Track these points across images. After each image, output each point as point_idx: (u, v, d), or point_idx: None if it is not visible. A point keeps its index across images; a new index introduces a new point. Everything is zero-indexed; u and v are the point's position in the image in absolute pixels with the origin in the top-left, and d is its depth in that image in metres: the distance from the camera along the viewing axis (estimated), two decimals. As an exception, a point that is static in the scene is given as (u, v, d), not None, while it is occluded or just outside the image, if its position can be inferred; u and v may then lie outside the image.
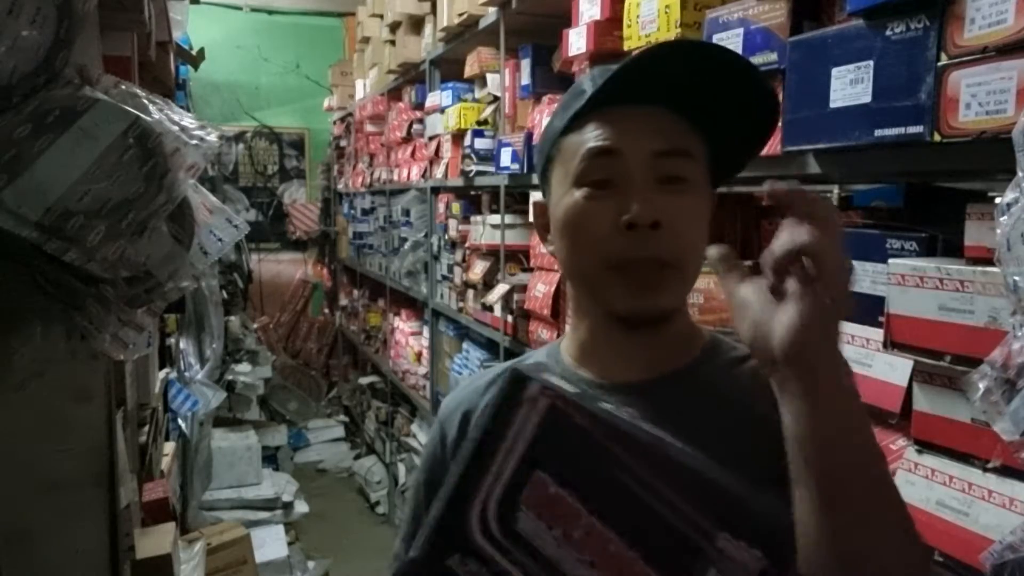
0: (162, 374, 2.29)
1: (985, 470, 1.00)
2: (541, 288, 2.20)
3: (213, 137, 0.97)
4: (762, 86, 0.78)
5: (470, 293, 2.97)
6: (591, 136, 0.77)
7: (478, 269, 2.82)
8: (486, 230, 2.78)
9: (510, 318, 2.51)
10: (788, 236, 0.62)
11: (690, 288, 0.83)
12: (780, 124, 1.27)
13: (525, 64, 2.50)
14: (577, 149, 0.78)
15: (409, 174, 3.86)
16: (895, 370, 1.17)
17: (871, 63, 1.08)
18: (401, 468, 4.28)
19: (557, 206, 0.81)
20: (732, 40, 1.36)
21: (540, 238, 0.89)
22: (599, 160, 0.77)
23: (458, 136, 3.02)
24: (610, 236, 0.75)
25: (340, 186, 6.00)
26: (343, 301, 6.10)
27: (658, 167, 0.76)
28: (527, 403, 0.67)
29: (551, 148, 0.83)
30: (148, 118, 0.89)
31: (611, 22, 1.81)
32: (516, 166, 2.39)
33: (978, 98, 0.93)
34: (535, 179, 2.30)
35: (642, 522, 0.66)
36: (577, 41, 1.91)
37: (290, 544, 3.80)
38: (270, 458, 4.81)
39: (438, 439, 0.92)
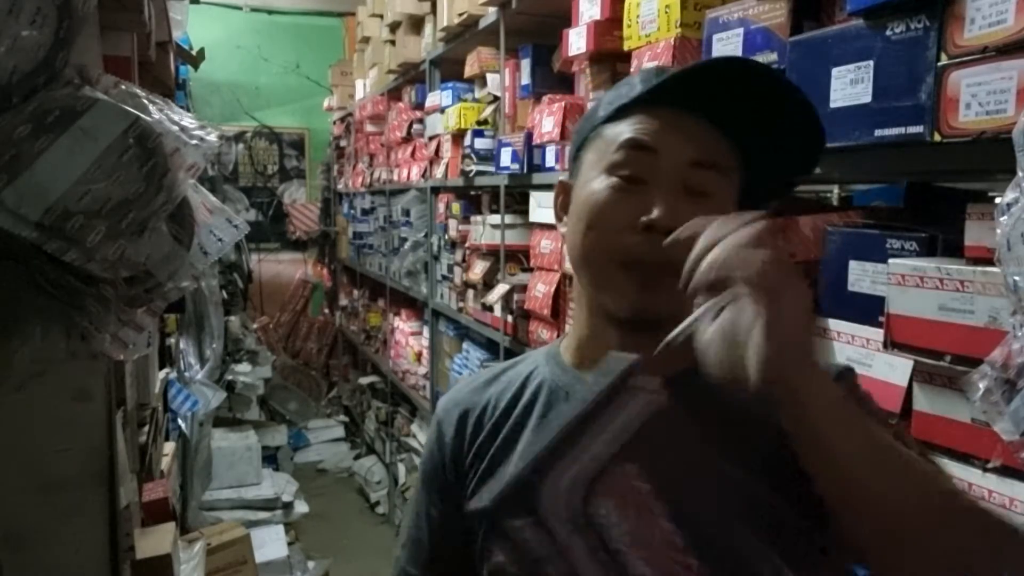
0: (162, 374, 2.29)
1: (985, 470, 1.00)
2: (541, 288, 2.20)
3: (213, 137, 0.97)
4: (815, 125, 0.77)
5: (470, 293, 2.97)
6: (632, 128, 0.77)
7: (478, 269, 2.82)
8: (486, 230, 2.78)
9: (510, 318, 2.51)
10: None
11: (692, 299, 0.83)
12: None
13: (525, 64, 2.50)
14: (616, 137, 0.78)
15: (409, 174, 3.86)
16: (895, 370, 1.16)
17: (871, 63, 1.08)
18: (401, 468, 4.28)
19: (582, 189, 0.80)
20: (732, 40, 1.36)
21: (556, 217, 0.89)
22: (634, 153, 0.77)
23: (458, 136, 3.02)
24: (625, 232, 0.75)
25: (340, 186, 6.00)
26: (343, 301, 6.10)
27: (689, 176, 0.76)
28: (642, 394, 0.66)
29: (590, 131, 0.82)
30: (148, 118, 0.89)
31: (611, 22, 1.81)
32: (516, 166, 2.39)
33: (978, 98, 0.93)
34: (535, 179, 2.30)
35: (712, 539, 0.65)
36: (577, 41, 1.91)
37: (290, 544, 3.80)
38: (270, 458, 4.81)
39: (435, 439, 0.91)
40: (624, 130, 0.78)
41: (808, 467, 0.62)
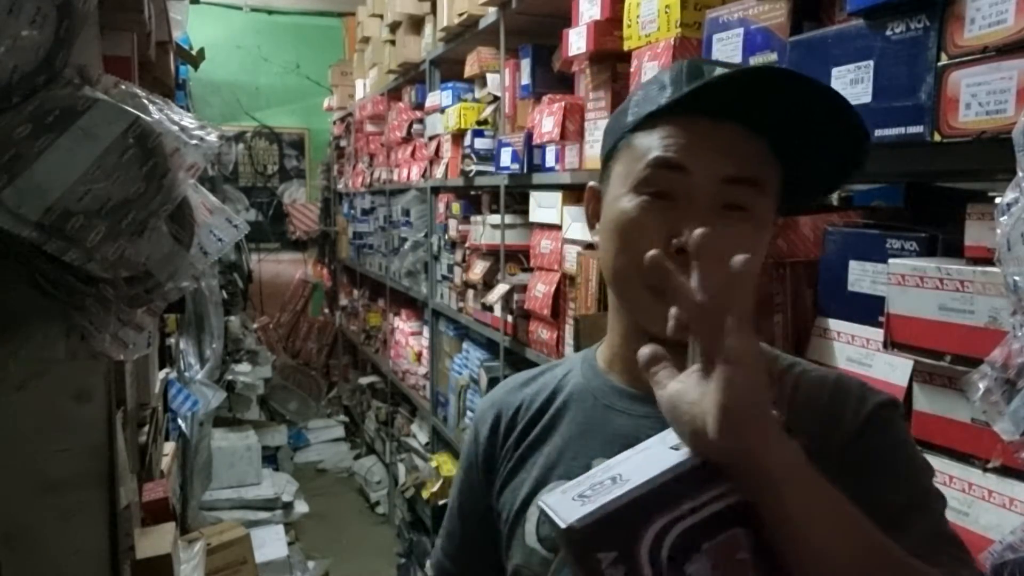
0: (162, 374, 2.29)
1: (985, 470, 1.00)
2: (541, 288, 2.20)
3: (213, 137, 0.97)
4: (857, 126, 0.72)
5: (470, 293, 2.97)
6: (661, 144, 0.73)
7: (478, 269, 2.81)
8: (486, 230, 2.78)
9: (510, 318, 2.51)
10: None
11: None
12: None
13: (525, 64, 2.50)
14: (645, 153, 0.74)
15: (409, 174, 3.86)
16: (895, 370, 1.16)
17: (871, 63, 1.08)
18: (401, 468, 4.28)
19: (612, 205, 0.78)
20: (732, 40, 1.36)
21: (588, 225, 0.86)
22: (664, 172, 0.73)
23: (458, 136, 3.02)
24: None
25: (340, 186, 6.00)
26: (343, 301, 6.10)
27: (724, 193, 0.72)
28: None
29: (620, 139, 0.78)
30: (148, 118, 0.89)
31: (611, 22, 1.81)
32: (516, 166, 2.39)
33: (978, 98, 0.93)
34: (535, 179, 2.30)
35: None
36: (577, 41, 1.91)
37: (290, 544, 3.80)
38: (270, 458, 4.81)
39: (472, 438, 0.93)
40: (653, 145, 0.73)
41: (769, 530, 0.60)
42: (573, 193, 2.10)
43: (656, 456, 0.64)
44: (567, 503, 0.60)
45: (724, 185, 0.72)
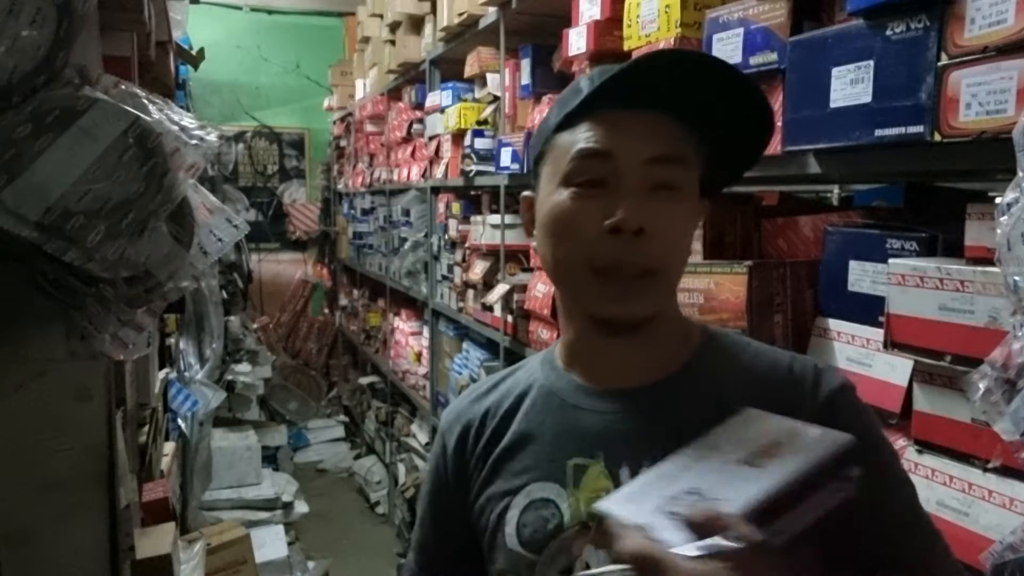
0: (162, 374, 2.29)
1: (985, 470, 1.00)
2: (541, 288, 2.20)
3: (213, 137, 0.97)
4: (759, 98, 0.78)
5: (470, 293, 2.97)
6: (583, 136, 0.77)
7: (478, 269, 2.81)
8: (486, 230, 2.78)
9: (510, 318, 2.51)
10: None
11: (673, 294, 0.83)
12: (780, 124, 1.27)
13: (525, 64, 2.50)
14: (569, 148, 0.78)
15: (409, 174, 3.86)
16: (895, 370, 1.17)
17: (871, 63, 1.08)
18: (401, 468, 4.28)
19: (545, 202, 0.80)
20: (732, 40, 1.36)
21: (526, 232, 0.89)
22: (589, 161, 0.76)
23: (458, 136, 3.02)
24: (594, 239, 0.75)
25: (340, 186, 6.00)
26: (343, 301, 6.10)
27: (650, 173, 0.76)
28: (838, 478, 0.64)
29: (544, 143, 0.82)
30: (148, 118, 0.89)
31: (611, 22, 1.81)
32: (516, 166, 2.39)
33: (978, 98, 0.93)
34: (535, 179, 2.30)
35: None
36: (577, 41, 1.91)
37: (290, 544, 3.80)
38: (270, 458, 4.81)
39: (440, 451, 0.93)
40: (576, 138, 0.77)
41: None
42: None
43: (731, 471, 0.65)
44: (662, 523, 0.60)
45: (648, 165, 0.75)
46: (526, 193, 0.88)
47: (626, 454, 0.78)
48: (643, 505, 0.63)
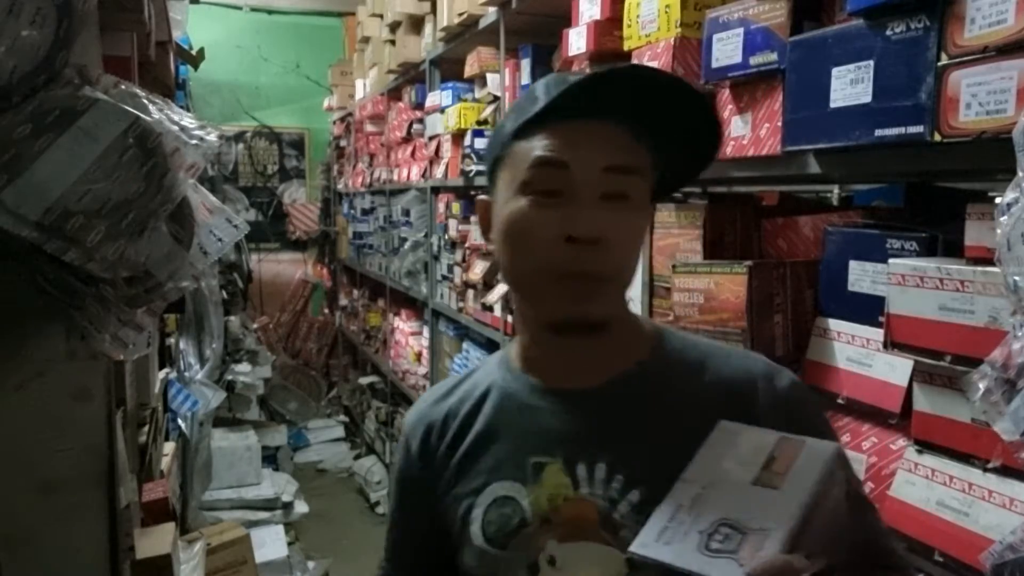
0: (162, 374, 2.29)
1: (985, 470, 1.00)
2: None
3: (213, 137, 0.97)
4: (710, 113, 0.81)
5: (470, 293, 2.97)
6: (540, 145, 0.78)
7: (478, 269, 2.81)
8: (486, 230, 2.77)
9: (510, 318, 2.51)
10: None
11: (623, 298, 0.86)
12: (780, 124, 1.27)
13: (525, 64, 2.50)
14: (526, 156, 0.79)
15: (409, 174, 3.86)
16: (895, 370, 1.17)
17: (871, 63, 1.08)
18: (401, 468, 4.28)
19: (503, 209, 0.82)
20: (732, 40, 1.36)
21: (483, 236, 0.90)
22: (547, 170, 0.78)
23: (458, 136, 3.02)
24: (551, 247, 0.77)
25: (340, 186, 6.00)
26: (343, 301, 6.10)
27: (604, 182, 0.77)
28: (832, 486, 0.67)
29: (501, 150, 0.84)
30: (148, 118, 0.89)
31: (611, 22, 1.81)
32: (516, 166, 2.38)
33: (978, 98, 0.93)
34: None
35: None
36: (577, 41, 1.91)
37: (290, 544, 3.80)
38: (270, 458, 4.81)
39: (405, 453, 0.95)
40: (533, 148, 0.79)
41: None
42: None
43: (750, 495, 0.66)
44: (720, 566, 0.61)
45: (603, 175, 0.77)
46: (482, 197, 0.90)
47: (583, 452, 0.81)
48: (684, 545, 0.64)
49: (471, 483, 0.86)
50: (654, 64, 1.56)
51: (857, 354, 1.25)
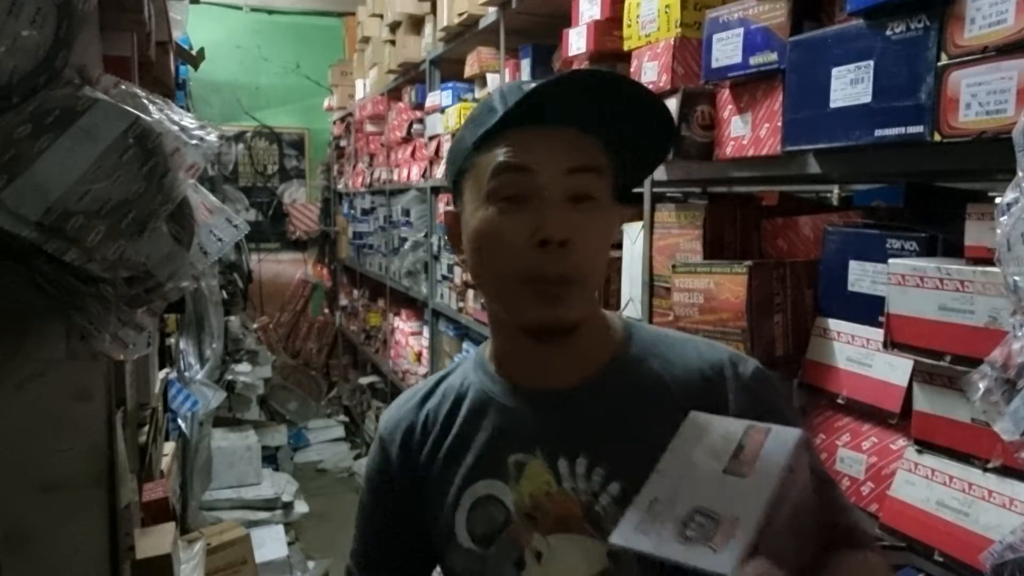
0: (162, 374, 2.29)
1: (985, 470, 1.00)
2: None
3: (213, 137, 0.97)
4: (662, 112, 0.82)
5: (470, 293, 2.97)
6: (503, 152, 0.79)
7: (478, 269, 2.81)
8: (486, 230, 2.78)
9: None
10: None
11: (593, 299, 0.87)
12: (780, 124, 1.27)
13: (525, 64, 2.50)
14: (489, 165, 0.80)
15: (409, 174, 3.86)
16: (895, 370, 1.17)
17: (871, 63, 1.08)
18: (401, 468, 4.28)
19: (471, 219, 0.83)
20: (732, 40, 1.36)
21: (453, 247, 0.91)
22: (511, 176, 0.79)
23: (458, 136, 3.02)
24: (522, 251, 0.78)
25: (340, 186, 6.00)
26: (343, 301, 6.10)
27: (569, 184, 0.78)
28: (799, 471, 0.70)
29: (464, 161, 0.84)
30: (148, 118, 0.89)
31: (611, 22, 1.81)
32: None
33: (978, 98, 0.93)
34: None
35: None
36: (577, 41, 1.91)
37: (290, 544, 3.80)
38: (270, 458, 4.81)
39: (382, 458, 0.95)
40: (495, 156, 0.79)
41: None
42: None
43: (721, 484, 0.69)
44: (696, 553, 0.64)
45: (567, 177, 0.78)
46: (448, 209, 0.91)
47: (562, 448, 0.82)
48: (661, 534, 0.66)
49: (454, 485, 0.87)
50: (653, 64, 1.57)
51: (857, 354, 1.25)
